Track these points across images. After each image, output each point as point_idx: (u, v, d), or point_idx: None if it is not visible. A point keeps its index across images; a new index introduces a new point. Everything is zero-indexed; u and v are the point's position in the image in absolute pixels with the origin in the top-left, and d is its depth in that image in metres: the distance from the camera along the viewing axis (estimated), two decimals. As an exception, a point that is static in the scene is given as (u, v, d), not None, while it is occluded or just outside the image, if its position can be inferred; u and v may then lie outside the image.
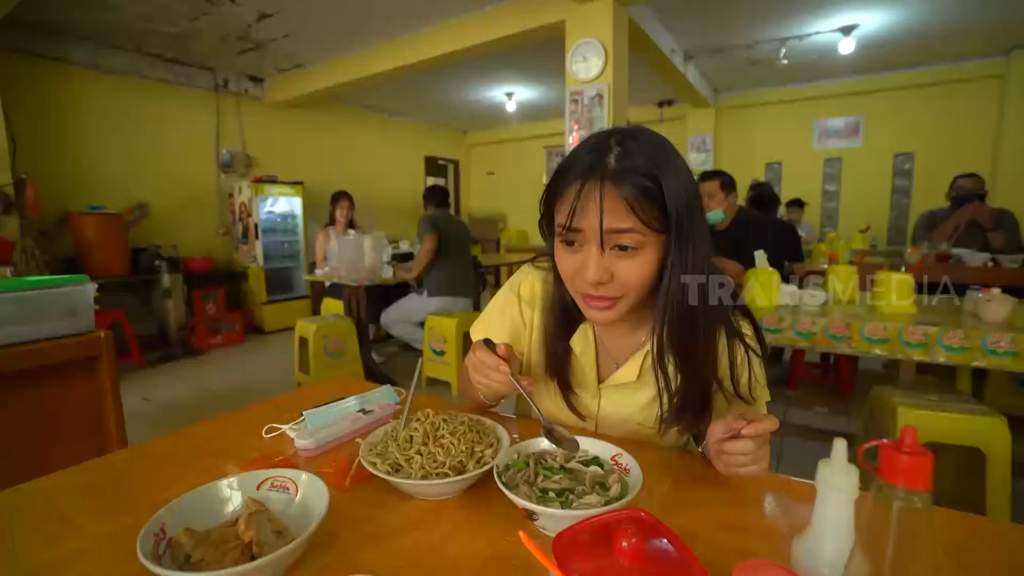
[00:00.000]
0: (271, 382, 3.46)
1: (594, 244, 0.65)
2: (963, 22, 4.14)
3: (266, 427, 0.84)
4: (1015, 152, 4.82)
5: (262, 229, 4.80)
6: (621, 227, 0.63)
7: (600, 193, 0.62)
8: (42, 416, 1.57)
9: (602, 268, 0.65)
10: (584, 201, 0.63)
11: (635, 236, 0.63)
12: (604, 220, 0.62)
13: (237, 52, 4.44)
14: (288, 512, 0.56)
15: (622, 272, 0.66)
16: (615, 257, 0.65)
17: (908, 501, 0.31)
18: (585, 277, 0.66)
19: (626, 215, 0.62)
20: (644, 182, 0.62)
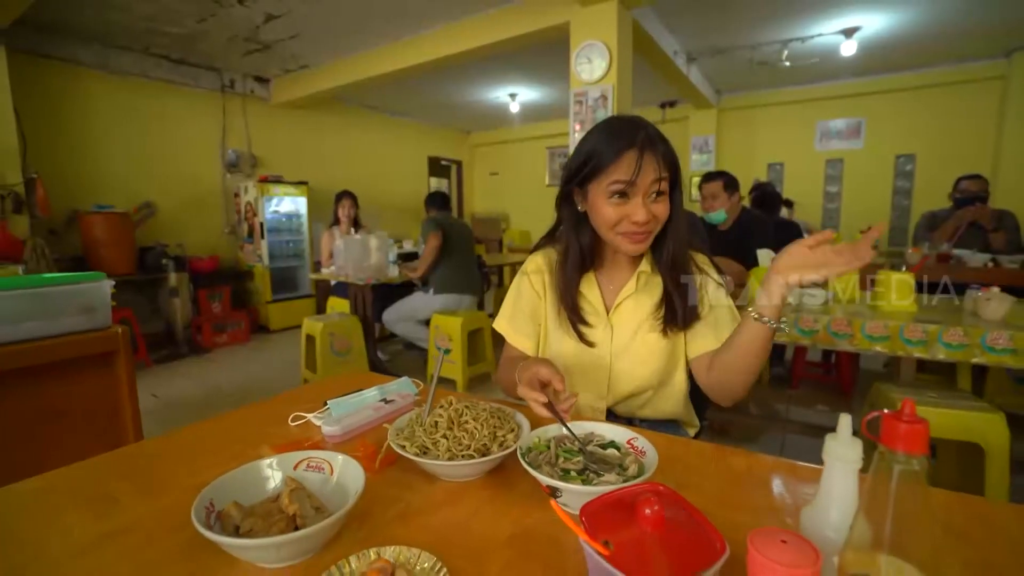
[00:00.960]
0: (277, 380, 3.49)
1: (642, 194, 0.86)
2: (964, 24, 4.17)
3: (292, 415, 0.88)
4: (1016, 153, 4.85)
5: (267, 229, 4.84)
6: (658, 177, 0.85)
7: (655, 159, 0.85)
8: (60, 410, 1.60)
9: (647, 211, 0.86)
10: (644, 164, 0.84)
11: (664, 183, 0.87)
12: (651, 175, 0.85)
13: (243, 53, 4.48)
14: (324, 490, 0.59)
15: (656, 211, 0.87)
16: (652, 202, 0.87)
17: (907, 464, 0.34)
18: (636, 219, 0.86)
19: (662, 170, 0.86)
20: (667, 150, 0.87)
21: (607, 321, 0.97)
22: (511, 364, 0.99)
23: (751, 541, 0.41)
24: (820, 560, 0.39)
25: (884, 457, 0.35)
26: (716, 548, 0.42)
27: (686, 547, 0.42)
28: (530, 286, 1.04)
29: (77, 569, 0.51)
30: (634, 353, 0.95)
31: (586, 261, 0.98)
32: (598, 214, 0.89)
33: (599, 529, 0.44)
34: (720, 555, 0.41)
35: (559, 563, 0.51)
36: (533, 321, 1.03)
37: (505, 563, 0.51)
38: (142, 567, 0.51)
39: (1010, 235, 3.19)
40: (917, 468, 0.34)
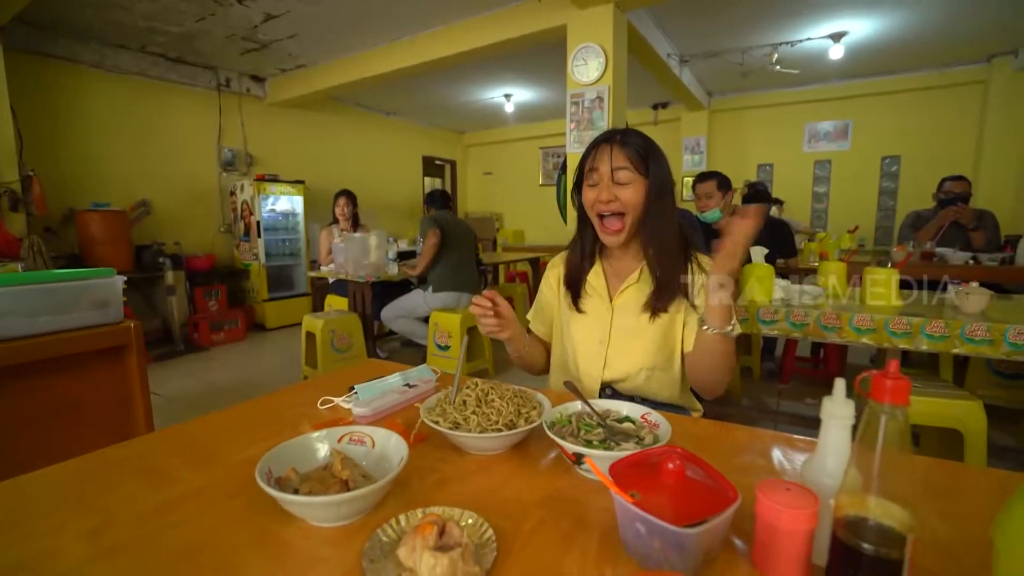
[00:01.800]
0: (277, 376, 3.52)
1: (605, 179, 1.00)
2: (947, 30, 4.30)
3: (321, 399, 0.93)
4: (995, 155, 5.01)
5: (263, 227, 4.85)
6: (618, 166, 0.99)
7: (610, 149, 1.00)
8: (73, 403, 1.64)
9: (610, 192, 0.99)
10: (599, 153, 1.01)
11: (627, 173, 0.99)
12: (612, 160, 0.99)
13: (241, 52, 4.49)
14: (367, 461, 0.65)
15: (623, 195, 0.99)
16: (617, 188, 0.99)
17: (892, 414, 0.41)
18: (600, 199, 1.00)
19: (622, 160, 0.99)
20: (637, 149, 1.00)
21: (609, 306, 1.09)
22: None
23: (760, 489, 0.48)
24: (818, 503, 0.46)
25: (873, 410, 0.42)
26: (729, 496, 0.48)
27: (703, 496, 0.49)
28: (547, 282, 1.22)
29: (150, 528, 0.56)
30: (631, 335, 1.05)
31: (591, 251, 1.12)
32: (584, 199, 1.05)
33: (626, 484, 0.50)
34: (733, 501, 0.47)
35: (586, 519, 0.57)
36: (549, 311, 1.21)
37: (538, 521, 0.57)
38: (205, 528, 0.57)
39: (989, 234, 3.32)
40: (900, 418, 0.41)
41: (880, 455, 0.41)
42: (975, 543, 0.52)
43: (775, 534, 0.46)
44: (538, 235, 7.90)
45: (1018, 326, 1.59)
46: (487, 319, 0.98)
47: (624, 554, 0.50)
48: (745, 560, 0.50)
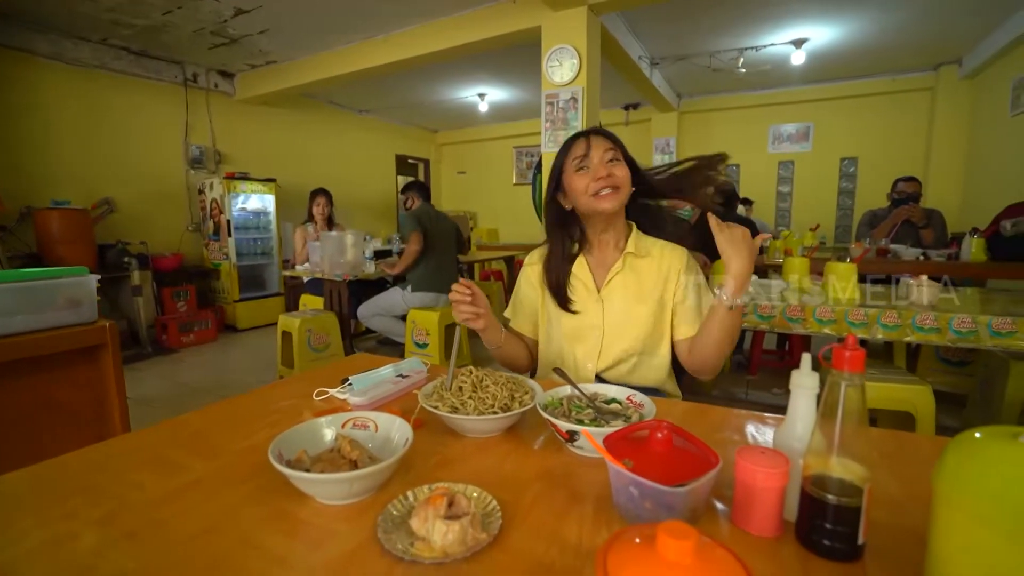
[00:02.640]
0: (252, 377, 3.47)
1: (598, 160, 1.07)
2: (898, 39, 4.55)
3: (316, 391, 0.95)
4: (942, 158, 5.32)
5: (234, 226, 4.75)
6: (606, 148, 1.08)
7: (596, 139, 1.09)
8: (47, 404, 1.60)
9: (605, 167, 1.06)
10: (592, 143, 1.08)
11: (615, 152, 1.08)
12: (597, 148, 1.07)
13: (209, 47, 4.39)
14: (372, 444, 0.68)
15: (614, 170, 1.06)
16: (609, 165, 1.07)
17: (851, 380, 0.47)
18: (598, 175, 1.06)
19: (610, 145, 1.08)
20: (611, 136, 1.10)
21: (598, 297, 1.13)
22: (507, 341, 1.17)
23: (738, 454, 0.53)
24: (789, 463, 0.52)
25: (834, 377, 0.48)
26: (712, 461, 0.54)
27: (688, 462, 0.54)
28: (527, 279, 1.23)
29: (164, 513, 0.58)
30: (623, 323, 1.11)
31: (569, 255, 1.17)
32: (573, 189, 1.09)
33: (619, 454, 0.55)
34: (715, 465, 0.53)
35: (580, 490, 0.62)
36: (530, 308, 1.23)
37: (536, 493, 0.61)
38: (219, 510, 0.59)
39: (938, 232, 3.53)
40: (858, 384, 0.47)
41: (841, 417, 0.47)
42: (919, 497, 0.59)
43: (752, 492, 0.52)
44: (512, 234, 7.95)
45: (961, 315, 1.72)
46: (464, 306, 1.00)
47: (618, 517, 0.55)
48: (725, 520, 0.55)
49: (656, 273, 1.12)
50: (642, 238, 1.16)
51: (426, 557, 0.48)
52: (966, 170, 5.22)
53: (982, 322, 1.69)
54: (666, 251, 1.13)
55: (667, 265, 1.12)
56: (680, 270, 1.11)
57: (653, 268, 1.12)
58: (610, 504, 0.58)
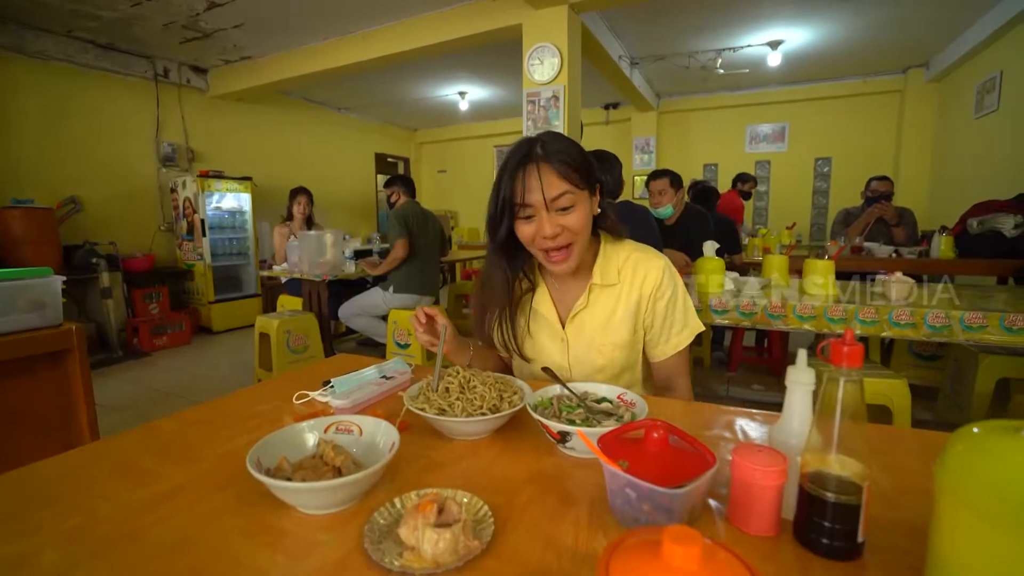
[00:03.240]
0: (228, 380, 3.38)
1: (543, 211, 0.87)
2: (868, 42, 4.66)
3: (296, 394, 0.92)
4: (911, 157, 5.49)
5: (209, 226, 4.63)
6: (557, 194, 0.86)
7: (538, 172, 0.86)
8: (11, 411, 1.52)
9: (554, 225, 0.88)
10: (528, 181, 0.87)
11: (568, 197, 0.87)
12: (545, 192, 0.86)
13: (180, 41, 4.26)
14: (356, 449, 0.65)
15: (567, 224, 0.88)
16: (559, 216, 0.88)
17: (849, 375, 0.46)
18: (543, 234, 0.88)
19: (559, 183, 0.86)
20: (564, 158, 0.87)
21: (563, 334, 1.01)
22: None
23: (735, 452, 0.52)
24: (787, 462, 0.51)
25: (832, 373, 0.47)
26: (708, 460, 0.53)
27: (684, 462, 0.53)
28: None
29: (136, 525, 0.55)
30: (590, 363, 1.00)
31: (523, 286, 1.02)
32: (519, 235, 0.92)
33: (614, 455, 0.53)
34: (712, 464, 0.52)
35: (574, 493, 0.60)
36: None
37: (528, 497, 0.60)
38: (195, 521, 0.56)
39: (909, 230, 3.63)
40: (857, 379, 0.46)
41: (839, 414, 0.47)
42: (911, 491, 0.59)
43: (750, 491, 0.51)
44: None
45: (936, 310, 1.76)
46: (422, 335, 0.94)
47: (614, 520, 0.54)
48: (722, 519, 0.54)
49: (626, 302, 0.99)
50: (610, 258, 1.00)
51: (416, 568, 0.46)
52: (933, 170, 5.39)
53: (955, 317, 1.74)
54: (639, 270, 0.99)
55: (637, 290, 0.98)
56: (651, 293, 0.98)
57: (623, 295, 0.99)
58: (605, 506, 0.56)
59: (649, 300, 0.99)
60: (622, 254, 1.01)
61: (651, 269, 0.99)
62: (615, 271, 1.00)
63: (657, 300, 0.99)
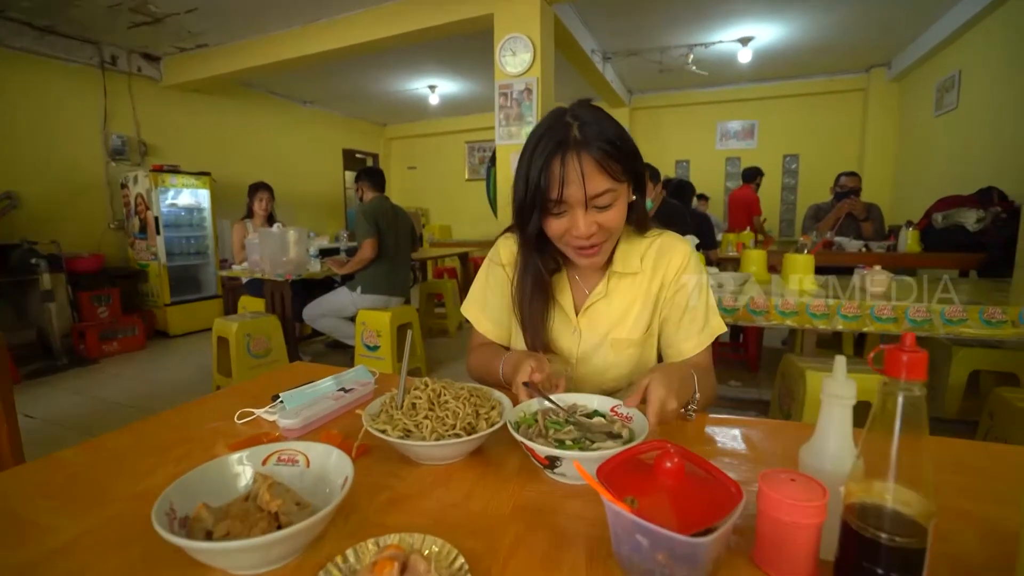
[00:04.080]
0: (184, 389, 3.16)
1: (579, 208, 0.77)
2: (834, 41, 4.72)
3: (239, 412, 0.79)
4: (875, 154, 5.61)
5: (164, 223, 4.35)
6: (599, 191, 0.75)
7: (578, 164, 0.74)
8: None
9: (589, 224, 0.77)
10: (567, 174, 0.74)
11: (610, 195, 0.77)
12: (586, 188, 0.74)
13: (128, 25, 3.98)
14: (302, 484, 0.54)
15: (605, 222, 0.79)
16: (596, 213, 0.78)
17: (909, 389, 0.38)
18: (576, 234, 0.78)
19: (600, 179, 0.75)
20: (605, 145, 0.75)
21: (575, 324, 0.91)
22: (483, 352, 0.97)
23: (763, 481, 0.43)
24: (827, 494, 0.42)
25: (888, 386, 0.39)
26: (732, 494, 0.43)
27: (704, 496, 0.43)
28: (504, 276, 0.97)
29: (0, 602, 0.42)
30: (600, 358, 0.91)
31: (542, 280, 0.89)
32: (547, 229, 0.82)
33: (619, 488, 0.43)
34: (738, 500, 0.42)
35: (568, 531, 0.50)
36: (505, 306, 0.97)
37: (514, 538, 0.49)
38: (87, 591, 0.43)
39: (876, 224, 3.68)
40: (920, 394, 0.37)
41: (898, 436, 0.38)
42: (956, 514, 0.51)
43: (781, 529, 0.42)
44: (465, 230, 7.79)
45: (917, 304, 1.74)
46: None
47: (620, 569, 0.44)
48: (743, 559, 0.45)
49: (646, 293, 0.90)
50: (634, 243, 0.91)
51: (371, 653, 0.35)
52: (896, 166, 5.52)
53: (935, 311, 1.71)
54: (663, 257, 0.90)
55: (659, 279, 0.90)
56: (672, 280, 0.89)
57: (644, 285, 0.90)
58: (608, 548, 0.46)
59: (670, 289, 0.90)
60: (646, 239, 0.92)
61: (675, 255, 0.90)
62: (638, 258, 0.90)
63: (678, 290, 0.89)
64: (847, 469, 0.44)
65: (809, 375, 1.80)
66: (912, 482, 0.38)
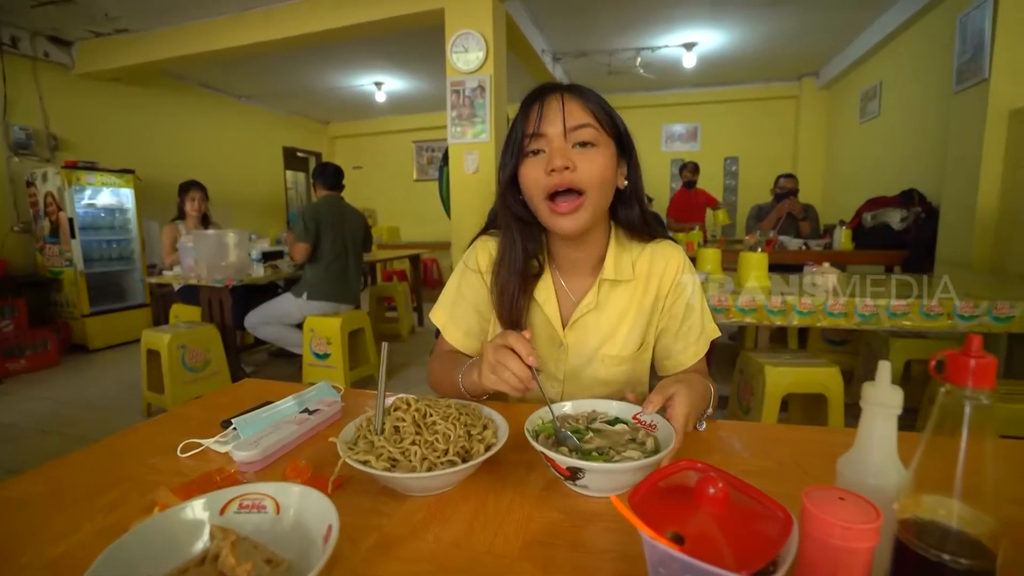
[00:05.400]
0: (110, 409, 2.86)
1: (556, 141, 0.72)
2: (769, 50, 4.97)
3: (182, 444, 0.68)
4: (807, 157, 5.97)
5: (80, 226, 3.94)
6: (580, 123, 0.73)
7: (561, 101, 0.73)
8: None
9: (566, 154, 0.72)
10: (546, 108, 0.73)
11: (591, 131, 0.73)
12: (565, 119, 0.72)
13: (30, 4, 3.56)
14: (272, 535, 0.45)
15: (583, 164, 0.73)
16: (575, 154, 0.73)
17: (976, 398, 0.35)
18: (552, 166, 0.71)
19: (582, 112, 0.73)
20: (595, 96, 0.76)
21: (561, 338, 0.84)
22: (448, 360, 0.87)
23: (808, 500, 0.39)
24: (881, 515, 0.38)
25: (952, 395, 0.35)
26: (780, 519, 0.39)
27: (753, 526, 0.39)
28: (480, 281, 0.89)
29: None
30: (590, 376, 0.85)
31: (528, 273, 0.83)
32: (523, 180, 0.76)
33: (656, 520, 0.38)
34: (790, 527, 0.38)
35: (591, 565, 0.44)
36: (477, 316, 0.90)
37: (529, 580, 0.43)
38: None
39: (813, 224, 3.89)
40: (986, 402, 0.34)
41: (965, 449, 0.35)
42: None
43: (832, 555, 0.38)
44: (415, 232, 7.61)
45: (865, 300, 1.82)
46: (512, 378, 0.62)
47: (658, 614, 0.39)
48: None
49: (639, 303, 0.84)
50: (625, 248, 0.85)
51: None
52: (826, 169, 5.89)
53: (882, 306, 1.80)
54: (656, 264, 0.84)
55: (654, 289, 0.84)
56: (668, 291, 0.84)
57: (637, 295, 0.84)
58: (638, 586, 0.41)
59: (666, 299, 0.85)
60: (638, 245, 0.86)
61: (669, 261, 0.85)
62: (630, 265, 0.84)
63: (676, 299, 0.85)
64: (891, 482, 0.42)
65: (768, 370, 1.85)
66: (979, 501, 0.35)
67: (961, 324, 1.73)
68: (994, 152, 2.67)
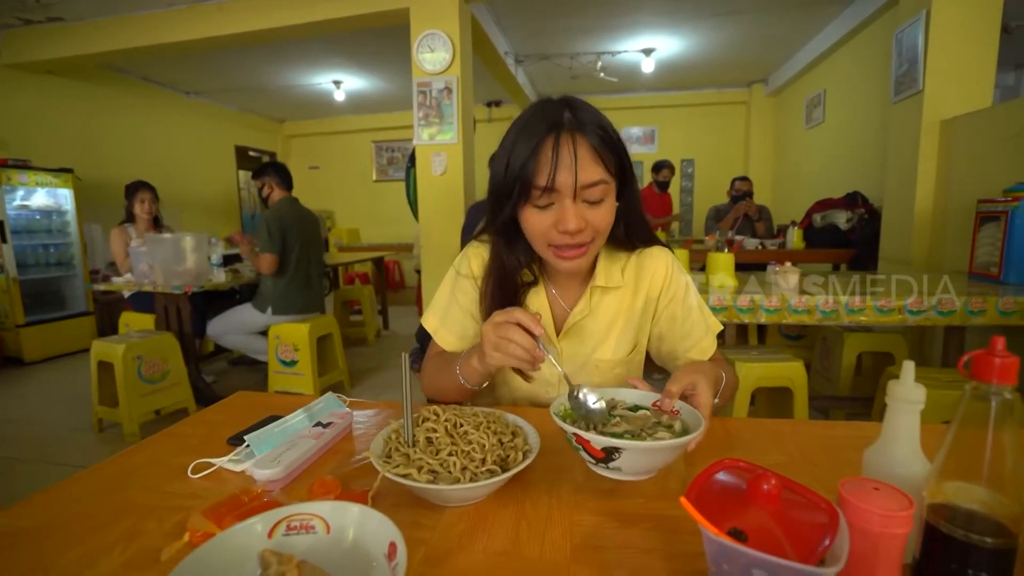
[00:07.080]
0: (54, 427, 2.66)
1: (568, 198, 0.70)
2: (722, 57, 5.19)
3: (194, 464, 0.65)
4: (757, 161, 6.27)
5: (11, 229, 3.64)
6: (593, 180, 0.70)
7: (572, 147, 0.69)
8: None
9: (579, 218, 0.70)
10: (559, 157, 0.68)
11: (603, 188, 0.71)
12: (578, 175, 0.69)
13: (-48, -11, 3.27)
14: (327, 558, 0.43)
15: (593, 219, 0.72)
16: (586, 207, 0.72)
17: (1001, 394, 0.38)
18: (564, 228, 0.70)
19: (594, 168, 0.70)
20: (600, 132, 0.71)
21: (554, 347, 0.86)
22: (440, 358, 0.87)
23: (845, 490, 0.42)
24: (914, 506, 0.42)
25: (979, 391, 0.39)
26: (825, 511, 0.42)
27: (802, 520, 0.41)
28: (473, 287, 0.88)
29: None
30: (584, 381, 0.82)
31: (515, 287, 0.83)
32: (525, 223, 0.75)
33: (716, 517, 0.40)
34: (837, 520, 0.41)
35: (646, 565, 0.46)
36: (472, 321, 0.88)
37: (586, 582, 0.44)
38: None
39: (768, 224, 4.10)
40: (1009, 397, 0.38)
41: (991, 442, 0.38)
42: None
43: (871, 541, 0.41)
44: (375, 234, 7.48)
45: (825, 297, 1.94)
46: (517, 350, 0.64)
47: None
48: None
49: (629, 309, 0.86)
50: (615, 254, 0.86)
51: None
52: (775, 172, 6.20)
53: (841, 302, 1.92)
54: (645, 268, 0.86)
55: (643, 294, 0.86)
56: (658, 295, 0.86)
57: (627, 300, 0.86)
58: (692, 583, 0.43)
59: (656, 303, 0.87)
60: (625, 252, 0.87)
61: (657, 265, 0.86)
62: (619, 271, 0.85)
63: (669, 302, 0.86)
64: (916, 472, 0.45)
65: (738, 365, 1.94)
66: (1000, 485, 0.39)
67: (911, 319, 1.87)
68: (928, 159, 2.89)
